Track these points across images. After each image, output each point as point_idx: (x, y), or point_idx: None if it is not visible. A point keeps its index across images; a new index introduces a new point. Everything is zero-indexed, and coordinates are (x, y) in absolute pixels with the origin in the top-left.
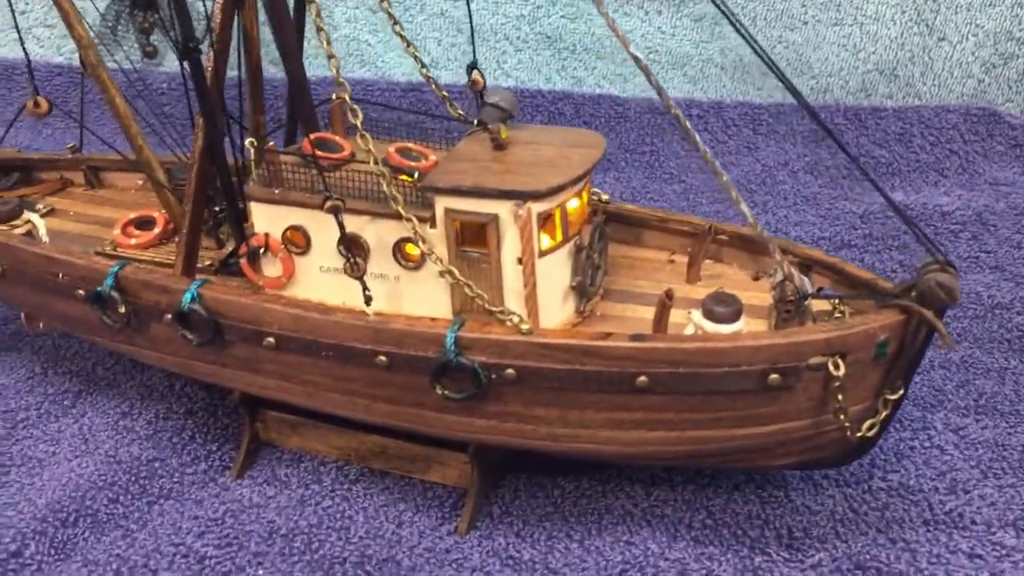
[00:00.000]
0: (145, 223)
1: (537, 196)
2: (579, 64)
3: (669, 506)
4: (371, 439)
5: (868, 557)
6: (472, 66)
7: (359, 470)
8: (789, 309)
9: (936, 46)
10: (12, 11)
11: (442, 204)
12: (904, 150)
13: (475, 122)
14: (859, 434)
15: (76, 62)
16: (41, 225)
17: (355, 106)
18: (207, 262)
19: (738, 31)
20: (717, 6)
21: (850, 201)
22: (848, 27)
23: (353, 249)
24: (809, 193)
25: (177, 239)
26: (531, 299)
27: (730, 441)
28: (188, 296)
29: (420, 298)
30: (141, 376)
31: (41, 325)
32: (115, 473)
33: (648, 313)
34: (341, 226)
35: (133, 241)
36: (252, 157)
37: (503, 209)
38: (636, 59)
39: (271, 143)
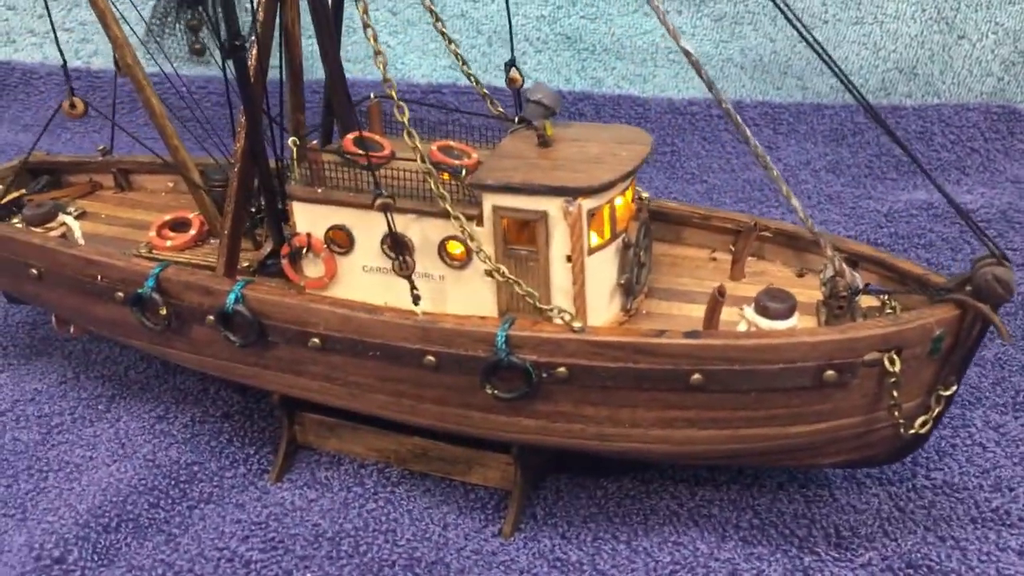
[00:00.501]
0: (180, 225)
1: (588, 192)
2: (599, 64)
3: (715, 506)
4: (411, 441)
5: (919, 556)
6: (510, 64)
7: (400, 472)
8: (841, 305)
9: (956, 44)
10: (49, 15)
11: (490, 201)
12: (925, 148)
13: (516, 119)
14: (912, 431)
15: (94, 66)
16: (76, 227)
17: (402, 103)
18: (244, 263)
19: (796, 29)
20: (777, 6)
21: (874, 200)
22: (868, 25)
23: (393, 248)
24: (832, 192)
25: (216, 240)
26: (580, 297)
27: (782, 439)
28: (232, 297)
29: (465, 297)
30: (174, 379)
31: (72, 330)
32: (155, 477)
33: (694, 311)
34: (391, 224)
35: (169, 243)
36: (294, 156)
37: (553, 206)
38: (687, 53)
39: (314, 142)
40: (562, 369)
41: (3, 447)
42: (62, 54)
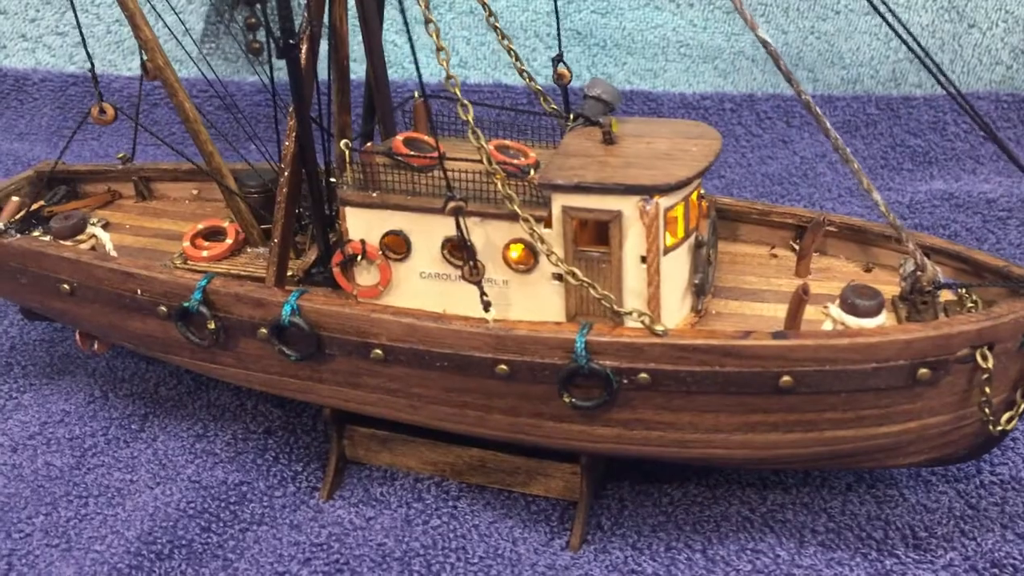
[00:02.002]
0: (214, 234)
1: (665, 190)
2: (609, 60)
3: (788, 510)
4: (469, 452)
5: (1002, 554)
6: (558, 59)
7: (458, 486)
8: (926, 301)
9: (966, 33)
10: (77, 19)
11: (560, 202)
12: (939, 138)
13: (571, 116)
14: (999, 428)
15: (89, 71)
16: (106, 239)
17: (466, 102)
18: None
19: (885, 20)
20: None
21: (894, 191)
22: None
23: (466, 253)
24: (851, 184)
25: (253, 249)
26: (654, 299)
27: (869, 441)
28: (288, 308)
29: (529, 302)
30: (208, 395)
31: (96, 346)
32: (203, 500)
33: (765, 310)
34: (462, 229)
35: (204, 253)
36: (347, 159)
37: (627, 205)
38: (765, 43)
39: (369, 144)
40: (644, 375)
41: (37, 472)
42: (90, 58)
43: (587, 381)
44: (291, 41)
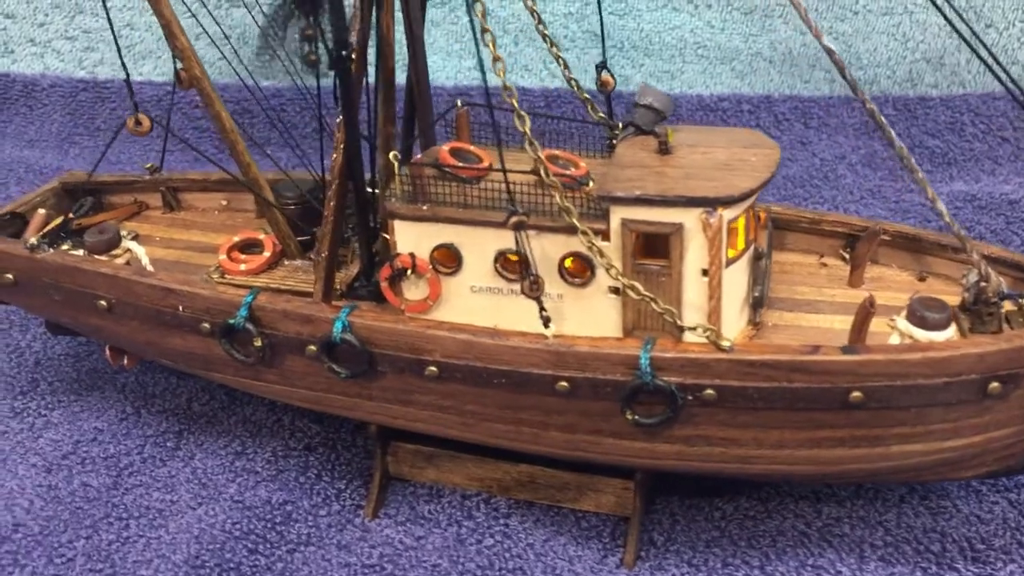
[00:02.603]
0: (250, 246)
1: (728, 202)
2: (627, 62)
3: (845, 524)
4: (517, 468)
5: None
6: (601, 66)
7: (507, 502)
8: (991, 312)
9: (983, 33)
10: (112, 28)
11: (619, 215)
12: (958, 139)
13: (621, 125)
14: None
15: (100, 76)
16: (142, 253)
17: (524, 113)
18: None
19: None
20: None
21: (916, 193)
22: (898, 16)
23: (522, 267)
24: (872, 186)
25: (291, 262)
26: (715, 313)
27: (935, 455)
28: (339, 325)
29: (584, 316)
30: (242, 410)
31: (126, 361)
32: (248, 520)
33: (821, 321)
34: (523, 244)
35: (243, 267)
36: (396, 171)
37: (690, 217)
38: (829, 51)
39: (419, 155)
40: (710, 391)
41: (74, 494)
42: (125, 68)
43: (651, 398)
44: (344, 52)
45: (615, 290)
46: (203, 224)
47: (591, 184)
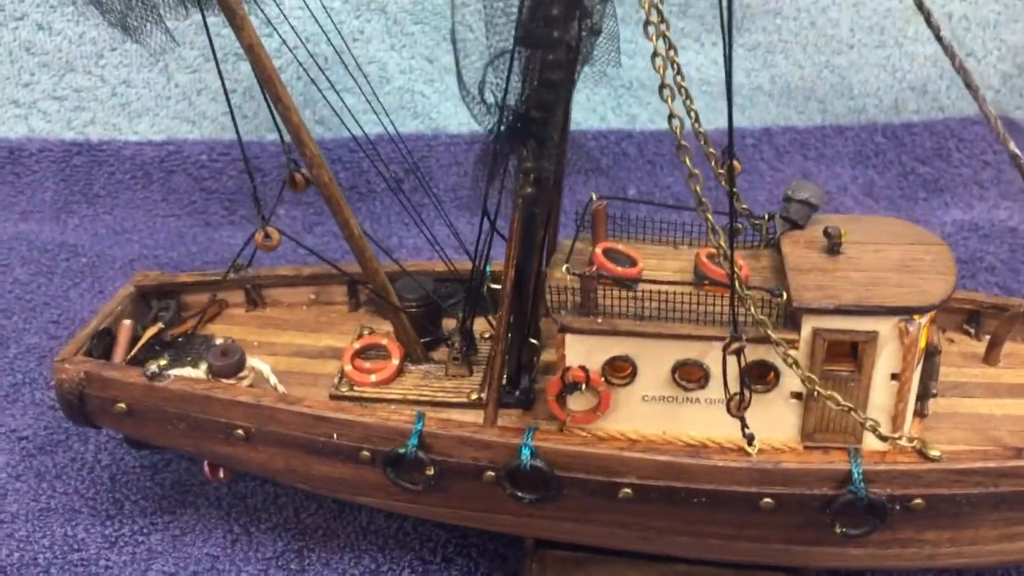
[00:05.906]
0: (371, 350)
1: (927, 310)
2: (634, 101)
3: None
4: (674, 569)
5: None
6: (729, 153)
7: None
8: None
9: (965, 62)
10: (225, 92)
11: (811, 324)
12: (946, 165)
13: (767, 216)
14: None
15: (93, 137)
16: (269, 373)
17: (719, 227)
18: (471, 393)
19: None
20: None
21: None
22: (889, 48)
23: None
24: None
25: (415, 367)
26: (900, 416)
27: None
28: (527, 452)
29: (763, 421)
30: (357, 518)
31: (222, 474)
32: None
33: (978, 406)
34: (741, 365)
35: (373, 378)
36: (568, 283)
37: (886, 326)
38: (1014, 156)
39: (593, 267)
40: (919, 500)
41: None
42: (240, 139)
43: (860, 510)
44: (543, 175)
45: (797, 395)
46: (296, 323)
47: (783, 296)
